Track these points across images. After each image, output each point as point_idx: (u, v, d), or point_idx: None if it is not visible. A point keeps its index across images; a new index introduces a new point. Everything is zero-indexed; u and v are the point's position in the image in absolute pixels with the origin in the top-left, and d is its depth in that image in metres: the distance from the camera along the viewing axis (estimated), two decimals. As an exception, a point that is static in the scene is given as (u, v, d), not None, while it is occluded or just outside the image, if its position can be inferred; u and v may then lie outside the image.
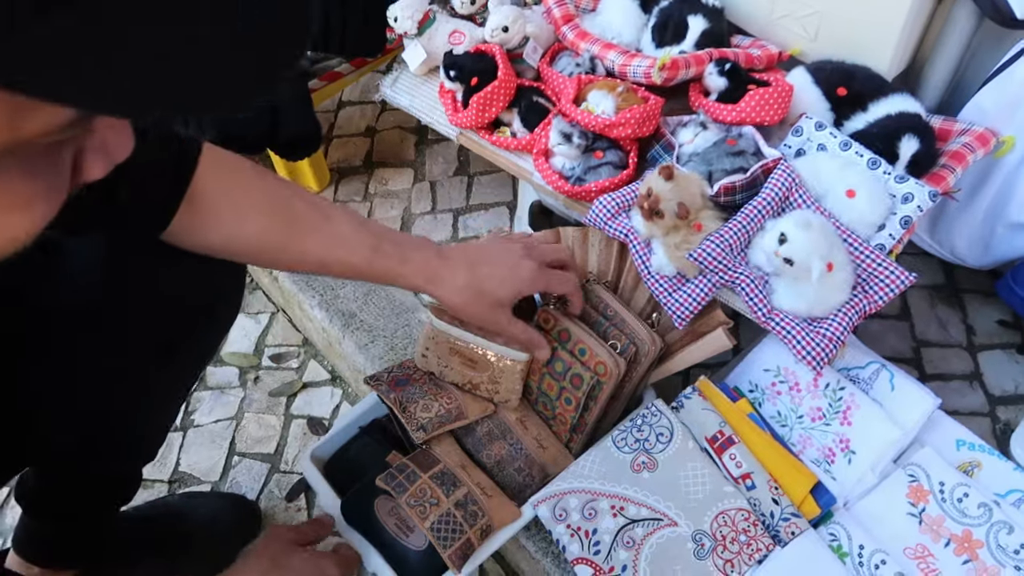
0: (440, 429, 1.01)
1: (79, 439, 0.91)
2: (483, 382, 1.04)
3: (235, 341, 1.56)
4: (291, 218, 0.83)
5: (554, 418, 1.05)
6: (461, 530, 0.95)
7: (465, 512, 0.96)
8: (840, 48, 1.14)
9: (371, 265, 0.86)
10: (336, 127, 1.76)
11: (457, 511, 0.95)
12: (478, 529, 0.96)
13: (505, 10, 1.22)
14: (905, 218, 0.99)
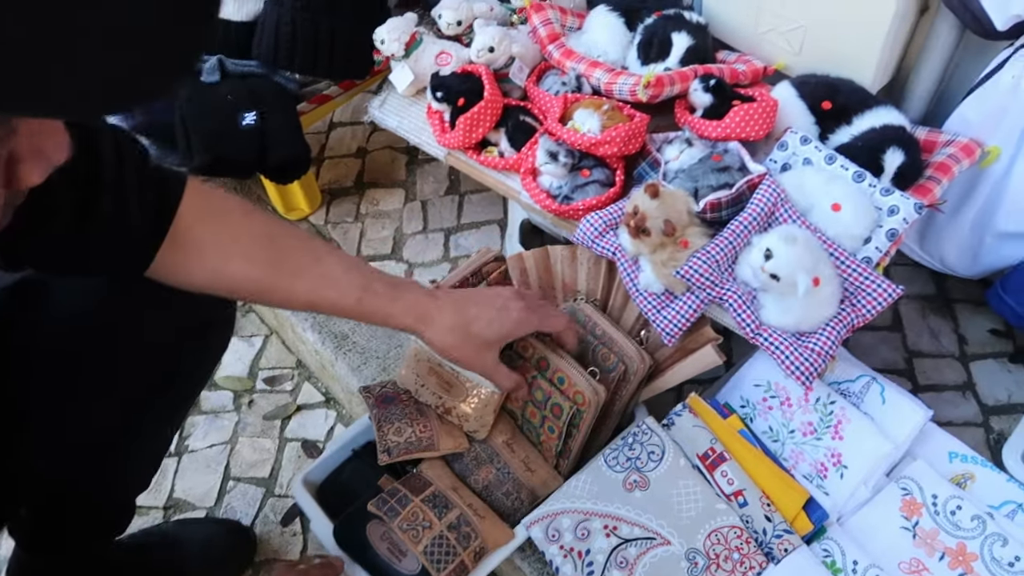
0: (404, 456, 1.01)
1: (71, 475, 0.91)
2: (455, 407, 1.04)
3: (229, 364, 1.56)
4: (279, 259, 0.82)
5: (539, 444, 1.05)
6: (455, 552, 0.94)
7: (458, 534, 0.95)
8: (824, 62, 1.14)
9: (361, 304, 0.85)
10: (327, 148, 1.76)
11: (450, 533, 0.95)
12: (471, 551, 0.95)
13: (491, 31, 1.22)
14: (891, 231, 0.99)
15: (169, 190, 0.76)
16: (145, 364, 0.86)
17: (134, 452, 0.99)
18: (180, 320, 0.87)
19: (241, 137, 1.28)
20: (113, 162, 0.72)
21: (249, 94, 1.30)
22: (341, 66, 1.36)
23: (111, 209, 0.71)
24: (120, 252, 0.75)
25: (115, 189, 0.71)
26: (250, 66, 1.35)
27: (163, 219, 0.76)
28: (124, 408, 0.88)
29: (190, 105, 1.26)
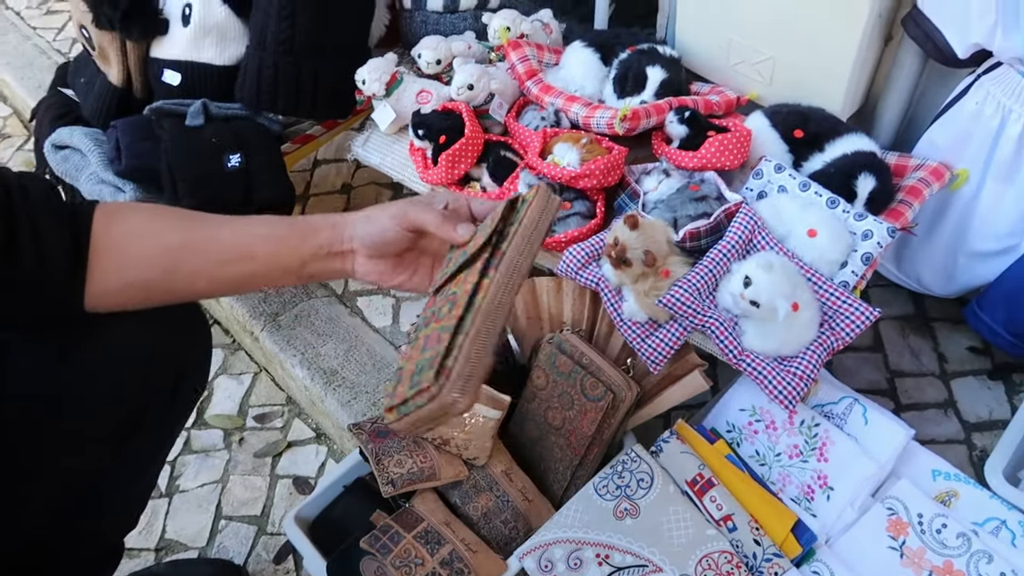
0: (408, 487, 1.01)
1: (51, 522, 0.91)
2: (454, 438, 1.05)
3: (219, 403, 1.56)
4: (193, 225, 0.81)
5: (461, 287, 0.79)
6: None
7: (451, 570, 0.96)
8: (795, 91, 1.18)
9: (293, 227, 0.81)
10: (312, 185, 1.78)
11: (443, 570, 0.95)
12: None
13: (469, 68, 1.25)
14: (866, 255, 1.01)
15: (80, 216, 0.77)
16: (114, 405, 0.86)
17: (115, 497, 0.99)
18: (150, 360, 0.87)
19: (226, 179, 1.30)
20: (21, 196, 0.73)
21: (233, 136, 1.32)
22: (324, 107, 1.38)
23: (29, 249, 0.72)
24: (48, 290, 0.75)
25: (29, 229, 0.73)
26: (233, 108, 1.37)
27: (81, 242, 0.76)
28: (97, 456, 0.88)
29: (175, 149, 1.28)
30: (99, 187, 1.31)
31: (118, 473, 0.93)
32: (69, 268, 0.76)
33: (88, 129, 1.40)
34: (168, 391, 0.90)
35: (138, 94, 1.42)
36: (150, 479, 1.08)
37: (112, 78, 1.42)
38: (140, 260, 0.79)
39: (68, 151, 1.39)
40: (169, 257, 0.79)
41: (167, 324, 0.84)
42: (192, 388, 0.99)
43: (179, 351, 0.91)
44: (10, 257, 0.72)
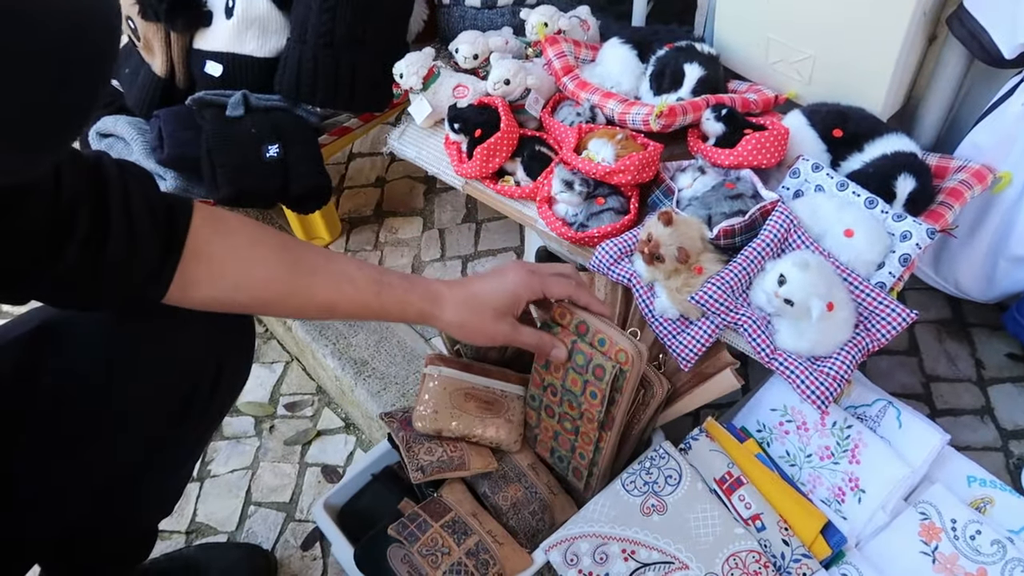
0: (437, 475, 1.02)
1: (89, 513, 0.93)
2: (496, 427, 1.05)
3: (250, 391, 1.58)
4: (294, 261, 0.85)
5: (581, 416, 1.03)
6: None
7: (476, 561, 0.96)
8: (835, 91, 1.16)
9: (379, 297, 0.87)
10: (347, 178, 1.80)
11: (468, 560, 0.96)
12: None
13: (506, 64, 1.26)
14: (904, 256, 1.00)
15: (178, 213, 0.79)
16: (163, 394, 0.88)
17: (154, 486, 1.01)
18: (197, 350, 0.88)
19: (264, 169, 1.32)
20: (119, 189, 0.74)
21: (272, 127, 1.34)
22: (361, 99, 1.39)
23: (121, 238, 0.74)
24: (134, 278, 0.76)
25: (123, 218, 0.74)
26: (273, 100, 1.39)
27: (175, 241, 0.78)
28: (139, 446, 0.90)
29: (216, 138, 1.30)
30: (141, 174, 1.34)
31: (159, 462, 0.95)
32: (157, 266, 0.77)
33: (131, 118, 1.43)
34: (209, 386, 0.92)
35: (180, 85, 1.45)
36: (188, 469, 1.10)
37: (156, 69, 1.44)
38: (236, 284, 0.82)
39: (112, 139, 1.42)
40: (263, 293, 0.84)
41: (216, 321, 0.86)
42: (232, 385, 1.00)
43: (224, 348, 0.92)
44: (101, 248, 0.73)
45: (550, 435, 1.10)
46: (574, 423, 1.05)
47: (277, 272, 0.84)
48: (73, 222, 0.71)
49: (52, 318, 0.84)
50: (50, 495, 0.87)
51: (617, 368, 0.98)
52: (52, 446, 0.84)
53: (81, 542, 1.04)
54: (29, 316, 0.85)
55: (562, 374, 1.04)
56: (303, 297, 0.85)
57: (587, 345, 1.01)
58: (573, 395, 1.03)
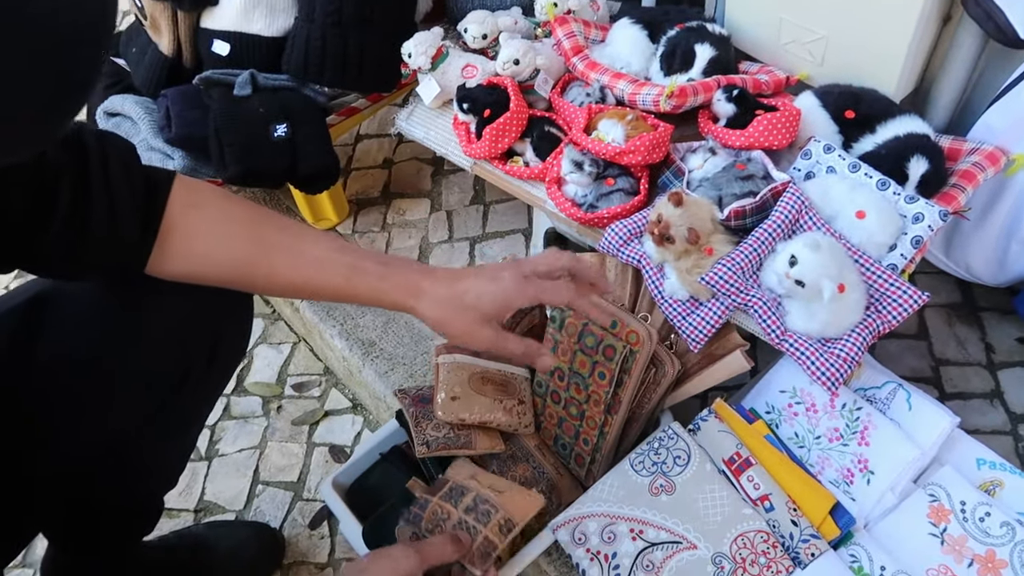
0: (443, 451, 1.02)
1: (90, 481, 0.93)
2: (512, 410, 1.05)
3: (258, 371, 1.58)
4: (262, 240, 0.83)
5: (587, 400, 1.03)
6: (475, 531, 0.90)
7: (476, 514, 0.91)
8: (847, 72, 1.15)
9: (350, 281, 0.83)
10: (354, 160, 1.80)
11: (467, 516, 0.92)
12: (495, 525, 0.90)
13: (516, 43, 1.25)
14: (916, 238, 0.99)
15: (156, 188, 0.79)
16: (158, 364, 0.88)
17: (153, 456, 1.01)
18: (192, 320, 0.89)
19: (272, 148, 1.31)
20: (99, 162, 0.75)
21: (280, 107, 1.33)
22: (369, 79, 1.39)
23: (102, 208, 0.74)
24: (115, 249, 0.77)
25: (103, 194, 0.74)
26: (280, 80, 1.38)
27: (153, 217, 0.78)
28: (136, 416, 0.90)
29: (223, 118, 1.30)
30: (149, 154, 1.33)
31: (158, 432, 0.96)
32: (138, 241, 0.78)
33: (139, 97, 1.43)
34: (205, 357, 0.92)
35: (188, 64, 1.44)
36: (189, 441, 1.11)
37: (163, 48, 1.44)
38: (205, 259, 0.82)
39: (119, 118, 1.42)
40: (233, 267, 0.83)
41: (212, 290, 0.86)
42: (229, 356, 1.01)
43: (221, 317, 0.92)
44: (83, 224, 0.74)
45: (554, 422, 1.10)
46: (580, 407, 1.06)
47: (244, 250, 0.82)
48: (56, 197, 0.72)
49: (47, 289, 0.85)
50: (49, 466, 0.88)
51: (628, 348, 0.98)
52: (49, 417, 0.84)
53: (85, 514, 1.04)
54: (25, 287, 0.86)
55: (570, 356, 1.04)
56: (268, 277, 0.83)
57: (598, 327, 1.01)
58: (581, 377, 1.03)
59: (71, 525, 1.07)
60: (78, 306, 0.84)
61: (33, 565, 1.35)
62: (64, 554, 1.11)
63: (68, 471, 0.90)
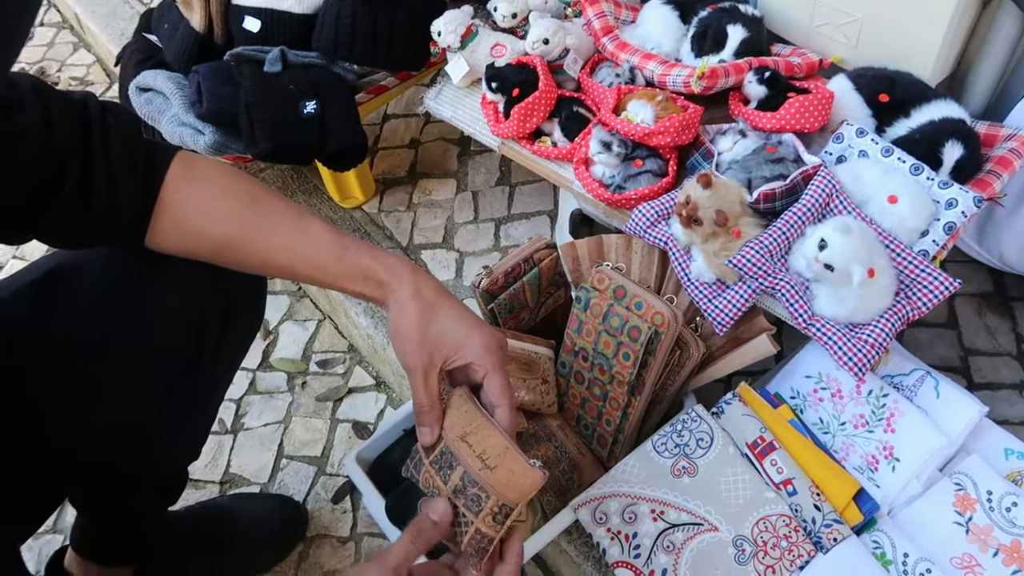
0: None
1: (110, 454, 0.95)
2: (536, 389, 1.05)
3: (284, 347, 1.60)
4: (258, 216, 0.82)
5: (611, 380, 1.03)
6: (467, 522, 0.77)
7: (466, 499, 0.77)
8: (882, 55, 1.13)
9: (342, 262, 0.81)
10: (381, 139, 1.80)
11: (457, 500, 0.78)
12: (488, 513, 0.76)
13: (546, 23, 1.24)
14: (949, 224, 0.98)
15: (157, 161, 0.79)
16: (168, 347, 0.89)
17: (172, 428, 1.03)
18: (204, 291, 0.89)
19: (302, 125, 1.32)
20: (100, 138, 0.75)
21: (310, 83, 1.34)
22: (399, 57, 1.39)
23: (102, 183, 0.75)
24: (115, 223, 0.78)
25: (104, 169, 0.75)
26: (310, 57, 1.39)
27: (151, 192, 0.78)
28: (151, 389, 0.91)
29: (254, 94, 1.30)
30: (180, 129, 1.35)
31: (177, 403, 0.97)
32: (135, 215, 0.79)
33: (170, 73, 1.44)
34: (219, 326, 0.93)
35: (219, 40, 1.45)
36: (209, 414, 1.12)
37: (194, 24, 1.45)
38: (196, 235, 0.81)
39: (151, 94, 1.43)
40: (222, 244, 0.82)
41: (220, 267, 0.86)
42: (242, 330, 1.01)
43: (229, 293, 0.93)
44: (86, 199, 0.75)
45: (577, 402, 1.10)
46: (603, 388, 1.06)
47: (237, 225, 0.81)
48: (63, 170, 0.73)
49: (61, 264, 0.86)
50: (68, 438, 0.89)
51: (652, 330, 0.98)
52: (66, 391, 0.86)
53: (110, 484, 1.07)
54: (39, 263, 0.87)
55: (594, 337, 1.04)
56: (260, 254, 0.82)
57: (623, 308, 1.01)
58: (605, 358, 1.03)
59: (97, 495, 1.09)
60: (92, 281, 0.85)
61: (63, 531, 1.38)
62: (92, 522, 1.14)
63: (87, 444, 0.92)
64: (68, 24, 2.58)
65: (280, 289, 1.71)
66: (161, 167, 0.79)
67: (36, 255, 1.83)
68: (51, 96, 0.74)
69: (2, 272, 1.86)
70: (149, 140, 0.81)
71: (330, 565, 1.30)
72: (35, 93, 0.73)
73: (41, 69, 2.41)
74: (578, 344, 1.06)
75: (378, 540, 1.32)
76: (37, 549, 1.35)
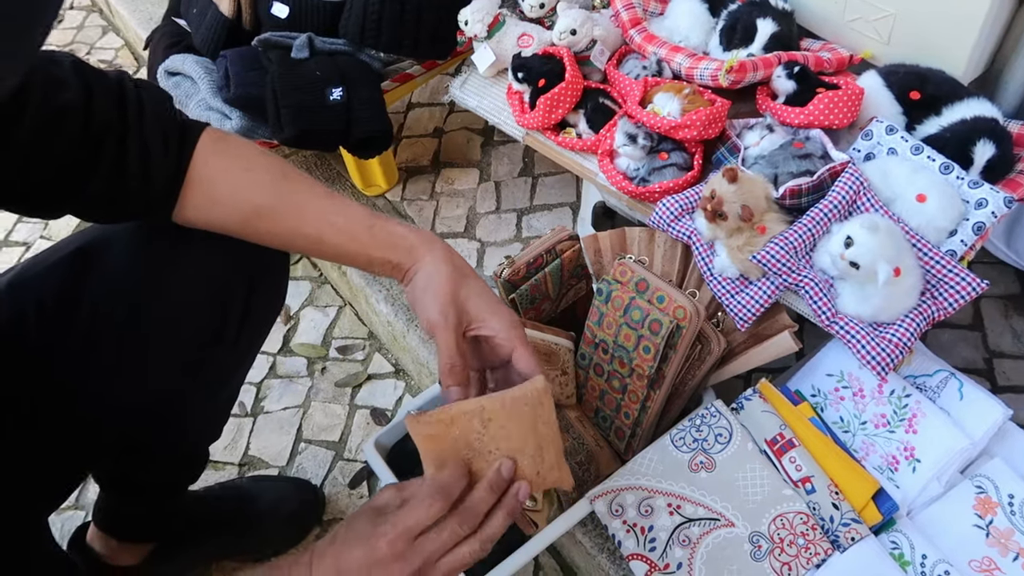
0: None
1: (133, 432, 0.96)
2: (552, 379, 1.05)
3: (304, 332, 1.61)
4: (289, 189, 0.83)
5: (631, 373, 1.03)
6: None
7: None
8: (914, 51, 1.12)
9: (371, 231, 0.82)
10: (405, 128, 1.80)
11: None
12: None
13: (573, 13, 1.24)
14: (978, 224, 0.97)
15: (186, 134, 0.80)
16: (192, 322, 0.90)
17: (195, 405, 1.04)
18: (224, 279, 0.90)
19: (328, 111, 1.32)
20: (136, 114, 0.77)
21: (336, 70, 1.34)
22: (425, 46, 1.39)
23: (135, 159, 0.76)
24: (147, 198, 0.79)
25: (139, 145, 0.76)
26: (337, 44, 1.39)
27: (181, 167, 0.79)
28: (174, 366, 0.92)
29: (281, 79, 1.31)
30: (207, 113, 1.36)
31: (197, 384, 0.98)
32: (167, 188, 0.80)
33: (199, 58, 1.45)
34: (239, 310, 0.94)
35: (247, 26, 1.46)
36: (232, 391, 1.13)
37: (223, 9, 1.45)
38: (225, 207, 0.82)
39: (179, 77, 1.44)
40: (251, 215, 0.83)
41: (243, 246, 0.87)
42: (264, 310, 1.02)
43: (251, 272, 0.93)
44: (121, 175, 0.76)
45: (596, 394, 1.10)
46: (622, 381, 1.06)
47: (268, 197, 0.82)
48: (101, 145, 0.75)
49: (89, 242, 0.87)
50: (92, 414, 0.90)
51: (674, 324, 0.97)
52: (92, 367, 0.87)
53: (132, 461, 1.08)
54: (67, 241, 0.89)
55: (615, 330, 1.04)
56: (290, 225, 0.83)
57: (645, 301, 1.01)
58: (625, 351, 1.03)
59: (120, 471, 1.11)
60: (119, 258, 0.86)
61: (85, 507, 1.40)
62: (114, 498, 1.16)
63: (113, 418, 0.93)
64: (97, 7, 2.60)
65: (301, 275, 1.72)
66: (191, 141, 0.81)
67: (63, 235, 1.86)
68: (90, 74, 0.76)
69: (30, 252, 1.88)
70: (180, 116, 0.82)
71: (346, 549, 1.31)
72: (76, 71, 0.74)
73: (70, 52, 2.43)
74: (598, 336, 1.06)
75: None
76: (60, 524, 1.37)
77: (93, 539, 1.18)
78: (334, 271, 1.63)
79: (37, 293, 0.86)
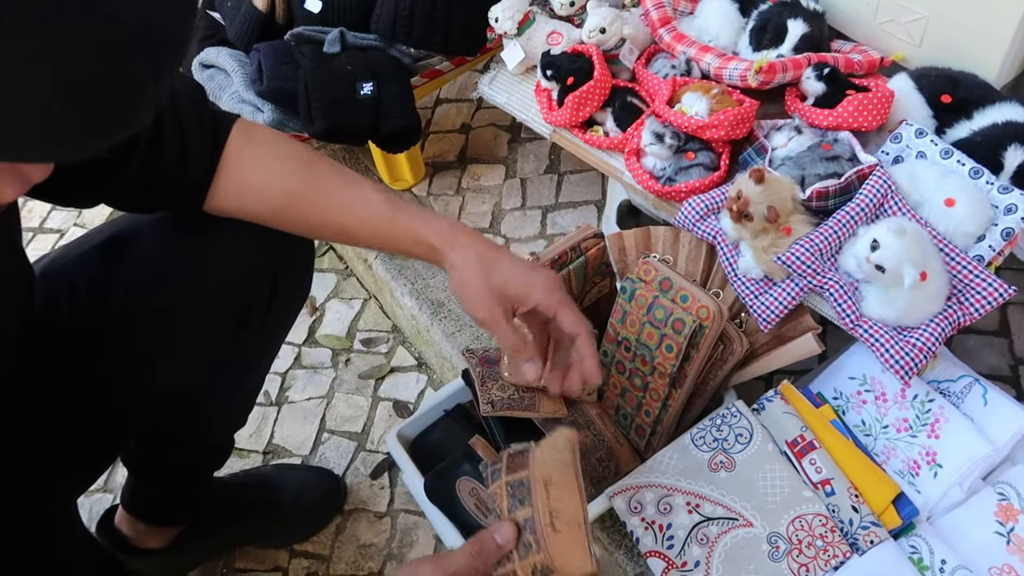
0: (507, 411, 1.02)
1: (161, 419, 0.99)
2: None
3: (329, 324, 1.64)
4: (316, 177, 0.85)
5: (653, 372, 1.04)
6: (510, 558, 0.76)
7: (520, 539, 0.77)
8: (946, 54, 1.11)
9: (392, 222, 0.84)
10: (433, 123, 1.82)
11: None
12: (529, 564, 0.76)
13: (603, 12, 1.24)
14: (1007, 230, 0.96)
15: (219, 123, 0.82)
16: (220, 309, 0.92)
17: (222, 391, 1.06)
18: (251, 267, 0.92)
19: (358, 106, 1.34)
20: (171, 105, 0.79)
21: (367, 65, 1.36)
22: (455, 42, 1.40)
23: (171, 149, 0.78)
24: (181, 187, 0.81)
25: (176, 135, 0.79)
26: (369, 39, 1.41)
27: (215, 156, 0.81)
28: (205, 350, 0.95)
29: (312, 74, 1.33)
30: (240, 105, 1.38)
31: (224, 372, 1.00)
32: (201, 175, 0.82)
33: (232, 50, 1.47)
34: (265, 298, 0.96)
35: (280, 20, 1.48)
36: (257, 378, 1.16)
37: (257, 3, 1.48)
38: (256, 194, 0.85)
39: (213, 70, 1.47)
40: (282, 201, 0.85)
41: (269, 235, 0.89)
42: (289, 299, 1.04)
43: (277, 260, 0.95)
44: (157, 164, 0.78)
45: (617, 392, 1.11)
46: (644, 379, 1.06)
47: (296, 184, 0.84)
48: (136, 138, 0.76)
49: (120, 230, 0.90)
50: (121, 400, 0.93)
51: (697, 323, 0.98)
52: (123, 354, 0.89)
53: (160, 446, 1.11)
54: (99, 229, 0.91)
55: (638, 328, 1.04)
56: (319, 212, 0.85)
57: (668, 300, 1.01)
58: (647, 349, 1.03)
59: (148, 454, 1.13)
60: (150, 246, 0.89)
61: (113, 490, 1.44)
62: (142, 482, 1.18)
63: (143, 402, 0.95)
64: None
65: (327, 267, 1.74)
66: (224, 130, 0.83)
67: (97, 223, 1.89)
68: None
69: (64, 239, 1.93)
70: (213, 107, 0.85)
71: (366, 538, 1.33)
72: None
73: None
74: (621, 334, 1.07)
75: (414, 517, 1.34)
76: (88, 506, 1.41)
77: (121, 521, 1.21)
78: (360, 264, 1.65)
79: (70, 280, 0.88)
